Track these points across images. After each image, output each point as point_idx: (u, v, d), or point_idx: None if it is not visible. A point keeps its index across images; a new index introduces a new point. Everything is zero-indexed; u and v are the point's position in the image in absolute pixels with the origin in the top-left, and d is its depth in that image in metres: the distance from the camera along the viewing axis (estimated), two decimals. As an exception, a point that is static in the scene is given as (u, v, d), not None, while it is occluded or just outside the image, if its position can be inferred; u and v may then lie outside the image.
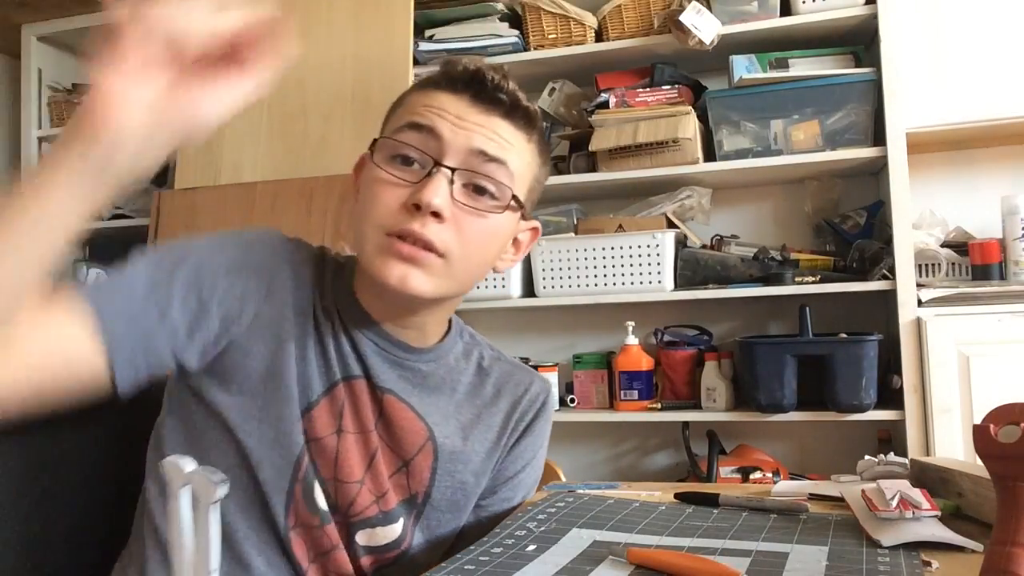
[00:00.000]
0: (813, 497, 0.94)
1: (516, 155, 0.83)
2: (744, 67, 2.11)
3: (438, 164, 0.79)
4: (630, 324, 2.20)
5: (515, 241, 0.90)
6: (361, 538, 0.85)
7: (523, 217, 0.88)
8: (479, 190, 0.81)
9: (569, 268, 2.17)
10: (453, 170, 0.79)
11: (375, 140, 0.84)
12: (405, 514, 0.88)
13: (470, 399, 0.93)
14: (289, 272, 0.84)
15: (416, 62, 2.26)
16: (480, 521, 0.93)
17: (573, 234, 2.22)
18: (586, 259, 2.16)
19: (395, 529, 0.87)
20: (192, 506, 0.59)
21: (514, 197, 0.83)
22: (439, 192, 0.77)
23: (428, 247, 0.78)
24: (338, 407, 0.83)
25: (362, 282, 0.86)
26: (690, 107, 2.09)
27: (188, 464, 0.59)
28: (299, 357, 0.82)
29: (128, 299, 0.76)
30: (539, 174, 0.88)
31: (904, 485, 0.83)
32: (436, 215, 0.77)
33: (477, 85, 0.82)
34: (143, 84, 0.55)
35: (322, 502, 0.83)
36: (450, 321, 0.94)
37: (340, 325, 0.85)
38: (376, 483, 0.85)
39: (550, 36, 2.23)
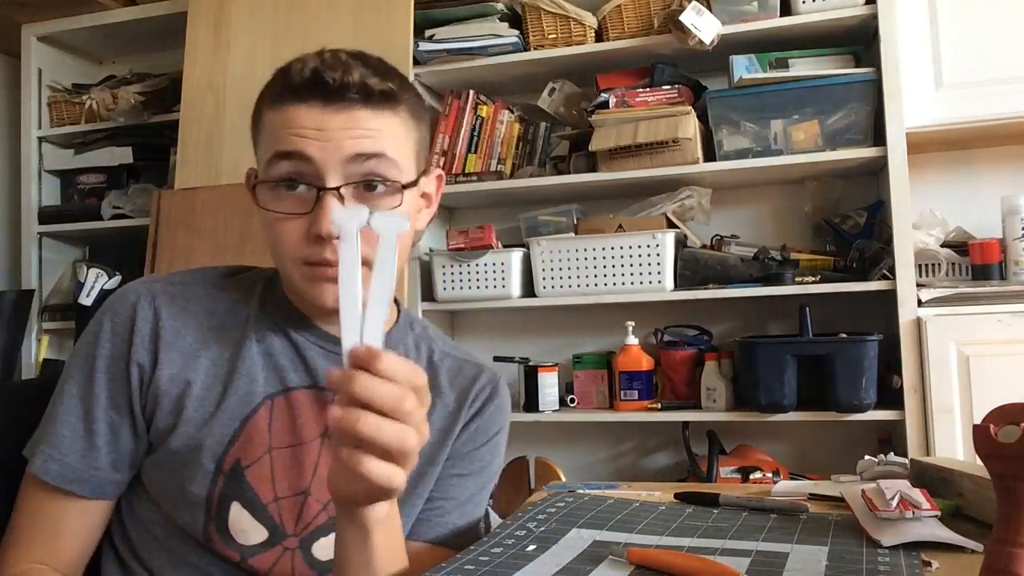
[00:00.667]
0: (813, 497, 0.94)
1: (390, 137, 0.81)
2: (744, 67, 2.11)
3: (322, 189, 0.78)
4: (630, 324, 2.20)
5: (424, 195, 0.90)
6: (318, 551, 0.85)
7: (424, 173, 0.88)
8: (370, 187, 0.80)
9: (569, 268, 2.17)
10: (339, 188, 0.78)
11: (253, 172, 0.85)
12: None
13: None
14: (181, 315, 0.85)
15: (416, 62, 2.26)
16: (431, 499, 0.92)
17: (573, 234, 2.22)
18: (586, 259, 2.16)
19: None
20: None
21: (404, 185, 0.82)
22: (326, 218, 0.77)
23: None
24: (264, 427, 0.84)
25: (296, 293, 0.87)
26: (690, 107, 2.09)
27: (360, 212, 0.63)
28: (203, 398, 0.83)
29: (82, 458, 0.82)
30: (420, 135, 0.87)
31: (904, 485, 0.83)
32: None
33: (321, 88, 0.79)
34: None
35: (244, 536, 0.83)
36: (399, 312, 0.95)
37: (282, 337, 0.87)
38: (322, 490, 0.85)
39: (550, 36, 2.23)
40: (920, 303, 1.90)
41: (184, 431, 0.82)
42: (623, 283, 2.13)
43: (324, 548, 0.85)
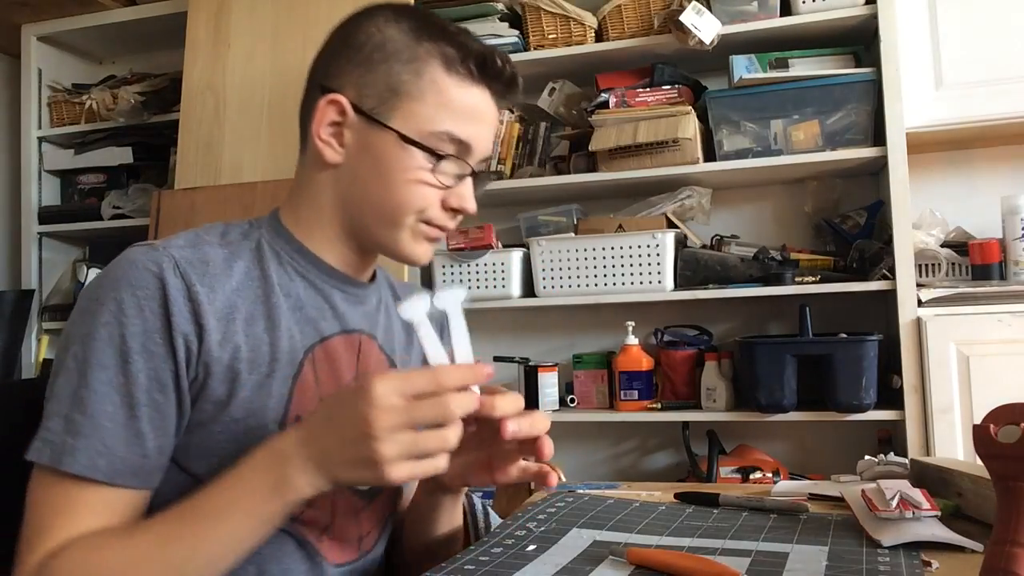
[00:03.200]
0: (813, 497, 0.94)
1: None
2: (744, 67, 2.11)
3: (474, 171, 0.86)
4: (630, 324, 2.20)
5: None
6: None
7: None
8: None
9: (569, 268, 2.17)
10: (476, 175, 0.87)
11: (361, 101, 0.85)
12: None
13: (392, 310, 0.99)
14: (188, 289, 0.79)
15: (416, 62, 2.26)
16: None
17: (573, 234, 2.22)
18: (586, 259, 2.16)
19: None
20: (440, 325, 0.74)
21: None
22: (473, 197, 0.87)
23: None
24: (312, 380, 0.84)
25: (327, 238, 0.89)
26: (690, 107, 2.09)
27: (422, 299, 0.73)
28: (253, 360, 0.80)
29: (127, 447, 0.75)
30: None
31: (904, 485, 0.83)
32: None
33: (505, 84, 0.87)
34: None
35: None
36: (374, 274, 0.99)
37: (307, 287, 0.87)
38: None
39: (550, 36, 2.23)
40: (920, 303, 1.90)
41: (244, 396, 0.79)
42: (623, 283, 2.13)
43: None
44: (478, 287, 2.24)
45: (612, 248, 2.13)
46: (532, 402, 2.21)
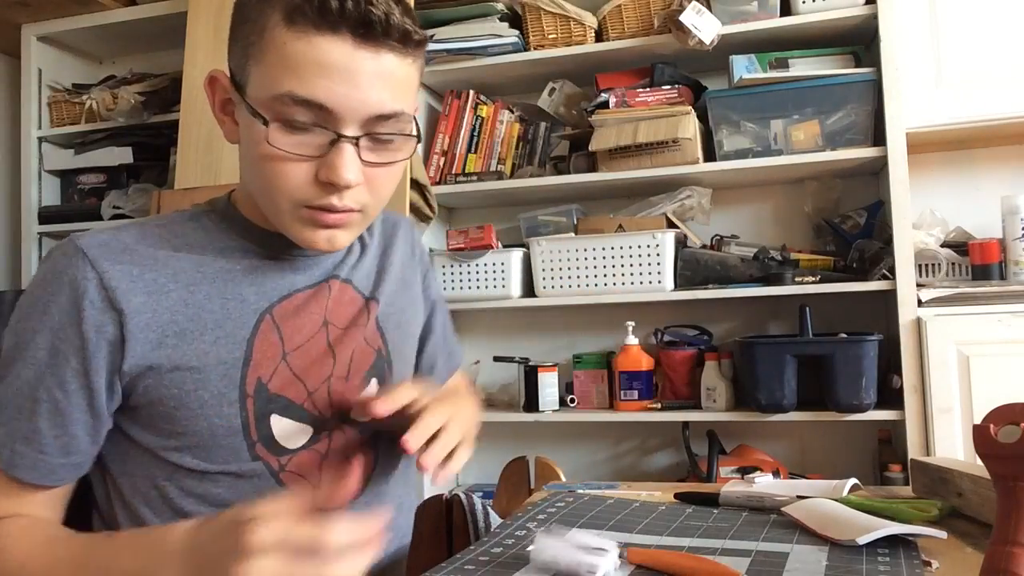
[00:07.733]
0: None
1: (409, 90, 0.79)
2: (744, 67, 2.11)
3: (340, 136, 0.74)
4: (630, 324, 2.20)
5: None
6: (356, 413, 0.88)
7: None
8: (384, 141, 0.78)
9: (569, 268, 2.17)
10: (357, 138, 0.75)
11: (227, 81, 0.81)
12: (378, 375, 0.92)
13: (378, 251, 0.98)
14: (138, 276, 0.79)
15: (416, 62, 2.26)
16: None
17: (573, 234, 2.22)
18: (586, 259, 2.16)
19: (371, 393, 0.90)
20: None
21: (416, 134, 0.80)
22: (351, 168, 0.75)
23: (348, 211, 0.79)
24: (275, 339, 0.84)
25: (265, 213, 0.84)
26: (690, 107, 2.09)
27: None
28: (190, 331, 0.80)
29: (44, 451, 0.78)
30: (423, 72, 0.83)
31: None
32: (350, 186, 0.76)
33: (363, 23, 0.72)
34: None
35: (292, 440, 0.84)
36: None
37: (264, 258, 0.86)
38: (340, 365, 0.88)
39: (550, 36, 2.23)
40: (920, 303, 1.90)
41: (190, 363, 0.79)
42: (623, 283, 2.13)
43: (358, 412, 0.87)
44: (478, 287, 2.24)
45: (612, 248, 2.13)
46: (532, 402, 2.21)
